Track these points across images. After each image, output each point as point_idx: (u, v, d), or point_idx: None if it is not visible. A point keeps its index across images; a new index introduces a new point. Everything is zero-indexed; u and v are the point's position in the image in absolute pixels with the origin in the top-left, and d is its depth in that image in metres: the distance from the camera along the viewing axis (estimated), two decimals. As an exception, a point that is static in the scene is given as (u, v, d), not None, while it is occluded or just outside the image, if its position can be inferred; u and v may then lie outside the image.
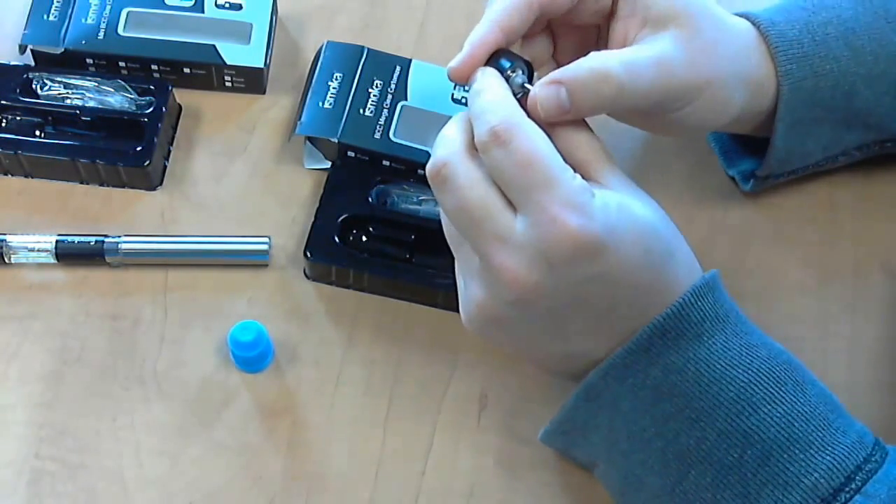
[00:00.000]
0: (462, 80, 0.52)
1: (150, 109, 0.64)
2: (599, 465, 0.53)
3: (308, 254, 0.61)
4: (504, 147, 0.47)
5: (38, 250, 0.61)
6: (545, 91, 0.50)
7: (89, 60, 0.66)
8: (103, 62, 0.66)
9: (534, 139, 0.47)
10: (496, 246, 0.47)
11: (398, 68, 0.66)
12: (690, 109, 0.55)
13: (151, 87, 0.65)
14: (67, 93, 0.65)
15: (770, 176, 0.63)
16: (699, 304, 0.49)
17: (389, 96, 0.65)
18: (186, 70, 0.67)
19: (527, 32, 0.54)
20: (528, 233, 0.47)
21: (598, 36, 0.58)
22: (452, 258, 0.52)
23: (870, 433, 0.50)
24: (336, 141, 0.63)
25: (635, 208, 0.49)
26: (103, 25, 0.66)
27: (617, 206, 0.48)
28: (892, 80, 0.59)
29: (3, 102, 0.64)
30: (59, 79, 0.65)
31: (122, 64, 0.66)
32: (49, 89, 0.65)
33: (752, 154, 0.64)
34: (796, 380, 0.49)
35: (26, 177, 0.64)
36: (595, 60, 0.51)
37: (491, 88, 0.50)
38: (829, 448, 0.48)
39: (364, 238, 0.62)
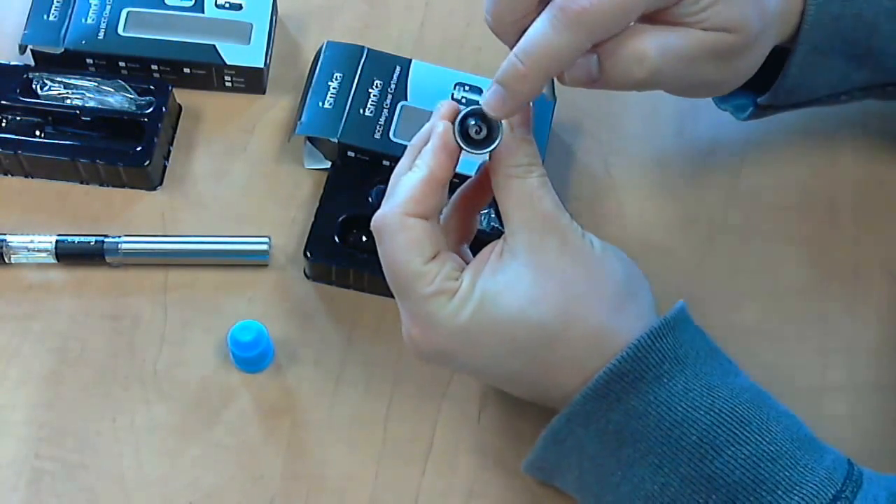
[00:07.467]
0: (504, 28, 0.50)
1: (150, 109, 0.64)
2: (578, 501, 0.53)
3: (308, 254, 0.61)
4: (378, 244, 0.50)
5: (38, 250, 0.61)
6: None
7: (89, 60, 0.66)
8: (103, 62, 0.66)
9: (394, 245, 0.49)
10: (401, 305, 0.51)
11: (398, 68, 0.66)
12: (733, 69, 0.54)
13: (151, 87, 0.65)
14: (67, 93, 0.65)
15: (771, 106, 0.61)
16: (657, 345, 0.48)
17: (389, 96, 0.65)
18: (186, 70, 0.67)
19: None
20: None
21: None
22: None
23: (842, 464, 0.48)
24: (336, 141, 0.63)
25: (504, 300, 0.48)
26: (103, 25, 0.66)
27: (479, 301, 0.48)
28: None
29: (3, 102, 0.64)
30: (59, 79, 0.65)
31: (122, 64, 0.66)
32: (49, 89, 0.65)
33: (745, 90, 0.61)
34: (761, 418, 0.48)
35: (26, 177, 0.64)
36: (633, 36, 0.49)
37: (400, 167, 0.51)
38: (797, 488, 0.46)
39: (364, 238, 0.62)
